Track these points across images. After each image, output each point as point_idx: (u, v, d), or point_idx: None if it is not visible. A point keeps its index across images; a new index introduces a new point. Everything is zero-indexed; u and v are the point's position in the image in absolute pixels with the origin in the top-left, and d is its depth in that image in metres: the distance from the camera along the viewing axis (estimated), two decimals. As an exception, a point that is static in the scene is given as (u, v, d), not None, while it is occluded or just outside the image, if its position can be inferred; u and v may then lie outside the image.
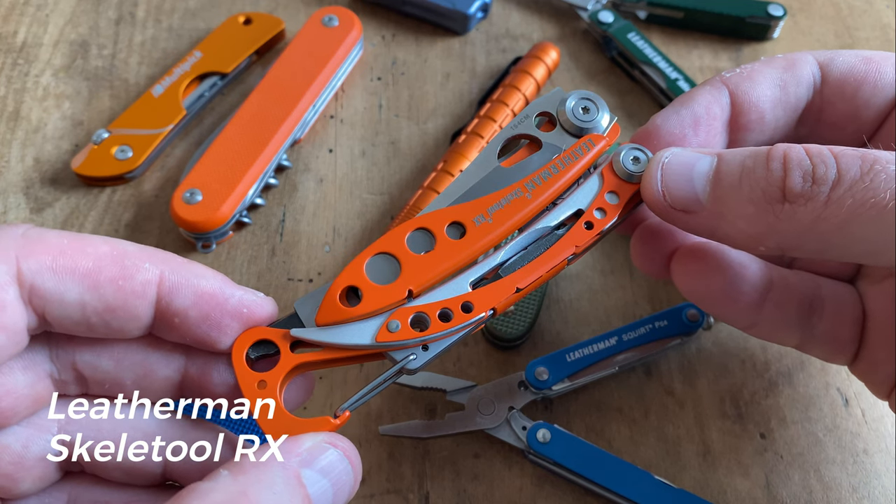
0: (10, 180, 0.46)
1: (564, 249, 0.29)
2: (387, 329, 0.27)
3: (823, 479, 0.38)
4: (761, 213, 0.26)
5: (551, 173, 0.30)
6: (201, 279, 0.26)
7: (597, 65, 0.53)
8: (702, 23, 0.54)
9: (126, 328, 0.25)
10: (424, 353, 0.27)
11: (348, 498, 0.25)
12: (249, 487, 0.22)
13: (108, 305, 0.24)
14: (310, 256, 0.44)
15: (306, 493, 0.23)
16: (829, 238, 0.25)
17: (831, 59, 0.32)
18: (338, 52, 0.48)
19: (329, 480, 0.24)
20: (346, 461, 0.25)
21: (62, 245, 0.24)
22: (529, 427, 0.37)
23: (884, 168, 0.24)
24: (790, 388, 0.40)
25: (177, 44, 0.52)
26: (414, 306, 0.27)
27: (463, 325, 0.27)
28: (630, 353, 0.39)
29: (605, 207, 0.30)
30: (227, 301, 0.26)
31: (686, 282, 0.33)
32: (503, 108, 0.47)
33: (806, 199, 0.25)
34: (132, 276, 0.24)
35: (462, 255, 0.28)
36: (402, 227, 0.29)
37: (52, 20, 0.53)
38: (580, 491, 0.37)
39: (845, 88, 0.32)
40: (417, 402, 0.39)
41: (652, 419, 0.39)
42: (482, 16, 0.54)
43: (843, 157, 0.25)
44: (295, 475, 0.23)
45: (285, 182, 0.47)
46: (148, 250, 0.25)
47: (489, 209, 0.29)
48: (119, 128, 0.46)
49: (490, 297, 0.28)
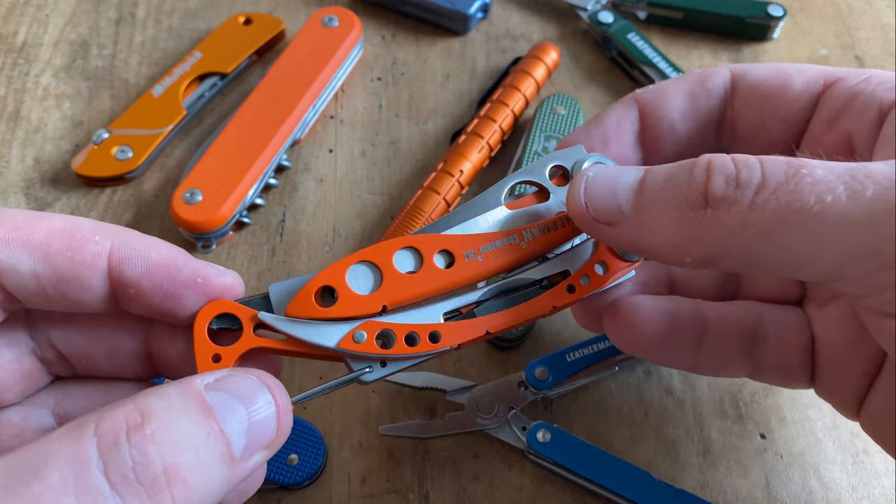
0: (11, 180, 0.46)
1: (542, 306, 0.29)
2: (352, 338, 0.27)
3: (823, 479, 0.38)
4: (684, 219, 0.26)
5: (550, 229, 0.30)
6: (152, 250, 0.26)
7: (597, 65, 0.53)
8: (702, 23, 0.54)
9: (83, 299, 0.26)
10: (381, 368, 0.27)
11: (274, 427, 0.24)
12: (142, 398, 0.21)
13: (60, 276, 0.25)
14: (310, 256, 0.44)
15: (207, 406, 0.22)
16: (754, 246, 0.25)
17: (746, 71, 0.33)
18: (338, 52, 0.48)
19: (241, 403, 0.23)
20: (264, 388, 0.24)
21: (17, 220, 0.25)
22: (529, 427, 0.37)
23: (810, 172, 0.24)
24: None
25: (177, 44, 0.52)
26: (383, 322, 0.27)
27: (426, 353, 0.27)
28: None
29: (591, 276, 0.30)
30: (180, 270, 0.26)
31: (618, 339, 0.33)
32: (503, 108, 0.47)
33: (729, 204, 0.25)
34: (82, 248, 0.25)
35: (443, 284, 0.28)
36: (393, 242, 0.29)
37: (52, 20, 0.53)
38: (580, 491, 0.37)
39: (753, 101, 0.32)
40: (417, 402, 0.39)
41: (652, 419, 0.39)
42: (482, 16, 0.54)
43: (768, 162, 0.25)
44: (195, 391, 0.22)
45: (285, 182, 0.47)
46: (103, 225, 0.26)
47: (481, 247, 0.29)
48: (119, 128, 0.46)
49: (459, 333, 0.28)
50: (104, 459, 0.20)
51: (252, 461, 0.23)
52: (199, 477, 0.21)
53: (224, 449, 0.22)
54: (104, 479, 0.19)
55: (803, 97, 0.32)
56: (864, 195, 0.23)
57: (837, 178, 0.23)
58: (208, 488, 0.21)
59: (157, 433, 0.20)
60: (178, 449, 0.21)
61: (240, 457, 0.22)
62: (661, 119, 0.33)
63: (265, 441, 0.23)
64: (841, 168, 0.23)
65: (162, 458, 0.20)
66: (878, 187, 0.23)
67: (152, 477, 0.20)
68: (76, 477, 0.19)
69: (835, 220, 0.23)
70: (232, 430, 0.22)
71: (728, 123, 0.34)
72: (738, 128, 0.33)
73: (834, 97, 0.31)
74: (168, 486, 0.20)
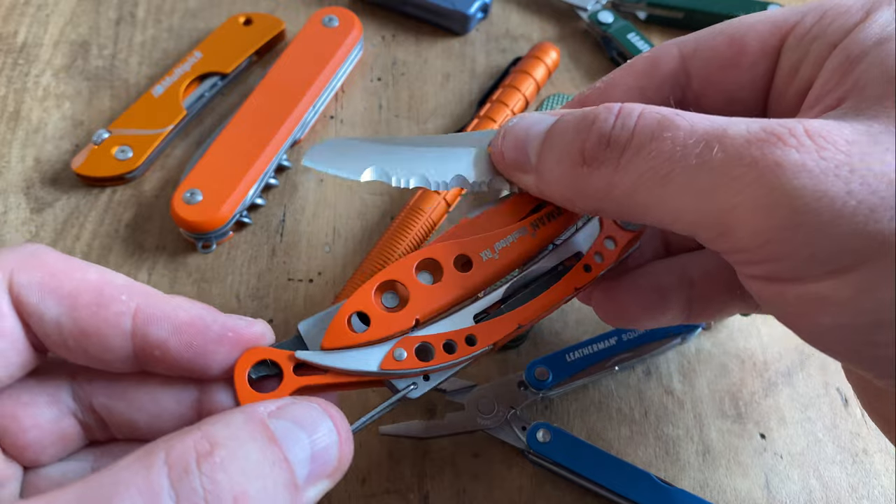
0: (11, 180, 0.46)
1: (564, 290, 0.30)
2: (392, 357, 0.27)
3: (823, 479, 0.38)
4: (567, 175, 0.26)
5: (556, 215, 0.31)
6: (179, 310, 0.25)
7: (597, 65, 0.53)
8: (701, 23, 0.53)
9: (105, 358, 0.25)
10: (425, 382, 0.28)
11: (336, 455, 0.24)
12: (208, 426, 0.21)
13: (82, 330, 0.24)
14: (310, 256, 0.44)
15: (271, 434, 0.22)
16: (621, 204, 0.25)
17: (695, 47, 0.31)
18: (338, 52, 0.48)
19: (304, 431, 0.23)
20: (326, 415, 0.24)
21: (56, 267, 0.25)
22: (529, 427, 0.37)
23: (673, 135, 0.23)
24: (789, 387, 0.41)
25: (177, 44, 0.52)
26: (419, 336, 0.28)
27: (466, 357, 0.28)
28: (630, 353, 0.39)
29: (603, 252, 0.31)
30: (209, 327, 0.25)
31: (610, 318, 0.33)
32: (503, 108, 0.47)
33: (599, 163, 0.25)
34: (107, 305, 0.25)
35: (467, 288, 0.29)
36: (410, 258, 0.29)
37: (52, 20, 0.53)
38: (580, 491, 0.37)
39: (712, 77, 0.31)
40: (417, 402, 0.39)
41: (651, 419, 0.39)
42: (482, 16, 0.54)
43: (643, 118, 0.24)
44: (259, 419, 0.22)
45: (285, 182, 0.47)
46: (132, 284, 0.26)
47: (495, 245, 0.30)
48: (119, 128, 0.46)
49: (493, 332, 0.29)
50: (175, 488, 0.20)
51: (314, 490, 0.23)
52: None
53: (288, 477, 0.22)
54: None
55: (763, 59, 0.30)
56: (710, 163, 0.22)
57: (696, 142, 0.23)
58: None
59: (226, 461, 0.20)
60: (247, 478, 0.21)
61: (303, 485, 0.22)
62: None
63: (328, 470, 0.23)
64: (705, 128, 0.23)
65: (232, 488, 0.20)
66: (726, 154, 0.22)
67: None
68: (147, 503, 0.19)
69: (679, 189, 0.23)
70: (296, 458, 0.22)
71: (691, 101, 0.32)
72: (703, 103, 0.32)
73: (790, 48, 0.29)
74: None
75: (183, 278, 0.43)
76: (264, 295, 0.42)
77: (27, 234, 0.44)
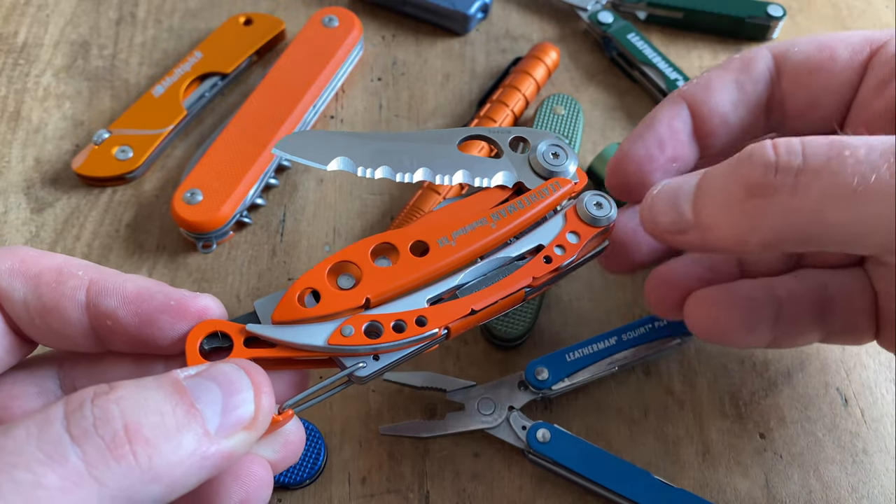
0: (11, 180, 0.46)
1: (522, 279, 0.30)
2: (340, 333, 0.27)
3: (823, 479, 0.38)
4: (735, 215, 0.26)
5: (517, 207, 0.31)
6: (128, 283, 0.27)
7: (596, 65, 0.53)
8: (701, 23, 0.54)
9: (65, 332, 0.26)
10: (375, 362, 0.28)
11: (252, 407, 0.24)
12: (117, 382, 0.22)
13: (44, 305, 0.26)
14: (310, 256, 0.44)
15: (180, 386, 0.23)
16: (805, 228, 0.25)
17: (786, 50, 0.33)
18: (338, 52, 0.49)
19: (215, 382, 0.23)
20: (241, 370, 0.24)
21: (27, 255, 0.26)
22: (529, 427, 0.37)
23: (852, 153, 0.24)
24: (789, 387, 0.41)
25: (177, 44, 0.52)
26: (369, 315, 0.28)
27: (415, 337, 0.28)
28: (630, 353, 0.39)
29: (565, 245, 0.31)
30: (154, 297, 0.27)
31: (700, 330, 0.34)
32: (503, 108, 0.47)
33: (773, 191, 0.25)
34: (65, 281, 0.26)
35: (422, 273, 0.29)
36: (367, 241, 0.29)
37: (52, 20, 0.53)
38: (580, 491, 0.37)
39: (801, 78, 0.33)
40: (417, 402, 0.39)
41: (651, 419, 0.39)
42: (482, 16, 0.54)
43: (810, 144, 0.25)
44: (172, 377, 0.23)
45: (286, 182, 0.47)
46: (89, 264, 0.27)
47: (453, 233, 0.30)
48: (119, 128, 0.46)
49: (445, 315, 0.29)
50: (68, 417, 0.21)
51: (233, 440, 0.23)
52: (165, 441, 0.21)
53: (195, 421, 0.22)
54: (66, 433, 0.20)
55: (851, 67, 0.32)
56: None
57: (881, 157, 0.23)
58: (177, 455, 0.21)
59: (122, 399, 0.21)
60: (143, 413, 0.21)
61: (216, 433, 0.23)
62: (713, 113, 0.33)
63: (244, 421, 0.24)
64: (883, 146, 0.24)
65: (123, 417, 0.21)
66: None
67: (112, 431, 0.21)
68: (40, 430, 0.20)
69: (880, 198, 0.23)
70: (205, 406, 0.23)
71: (777, 104, 0.34)
72: (788, 107, 0.34)
73: (881, 63, 0.31)
74: (129, 443, 0.21)
75: (183, 278, 0.43)
76: (265, 295, 0.42)
77: (27, 233, 0.44)
